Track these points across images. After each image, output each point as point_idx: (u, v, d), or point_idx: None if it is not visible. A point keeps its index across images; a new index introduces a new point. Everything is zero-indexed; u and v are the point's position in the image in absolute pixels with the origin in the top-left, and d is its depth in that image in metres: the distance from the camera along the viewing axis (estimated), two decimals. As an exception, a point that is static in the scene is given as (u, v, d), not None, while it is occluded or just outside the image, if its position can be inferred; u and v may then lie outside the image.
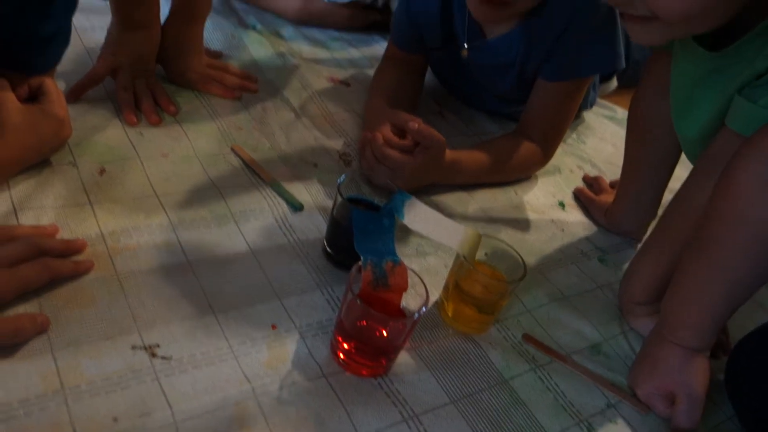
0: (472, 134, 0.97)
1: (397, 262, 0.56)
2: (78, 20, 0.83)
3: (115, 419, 0.45)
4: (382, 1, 1.12)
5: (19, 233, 0.53)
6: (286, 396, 0.51)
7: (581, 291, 0.74)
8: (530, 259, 0.76)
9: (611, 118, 1.17)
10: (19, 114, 0.59)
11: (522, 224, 0.82)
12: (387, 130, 0.74)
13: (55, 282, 0.52)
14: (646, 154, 0.80)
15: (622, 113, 1.20)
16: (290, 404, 0.50)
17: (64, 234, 0.57)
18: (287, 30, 1.09)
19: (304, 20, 1.11)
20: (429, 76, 1.01)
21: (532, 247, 0.78)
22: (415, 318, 0.53)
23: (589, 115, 1.16)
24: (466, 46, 0.87)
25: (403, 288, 0.55)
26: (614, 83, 1.25)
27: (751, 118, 0.57)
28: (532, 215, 0.84)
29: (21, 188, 0.61)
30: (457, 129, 0.97)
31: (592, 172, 0.99)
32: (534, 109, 0.87)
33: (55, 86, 0.64)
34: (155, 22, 0.78)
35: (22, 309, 0.50)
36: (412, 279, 0.55)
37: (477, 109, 1.02)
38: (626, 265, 0.76)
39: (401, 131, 0.75)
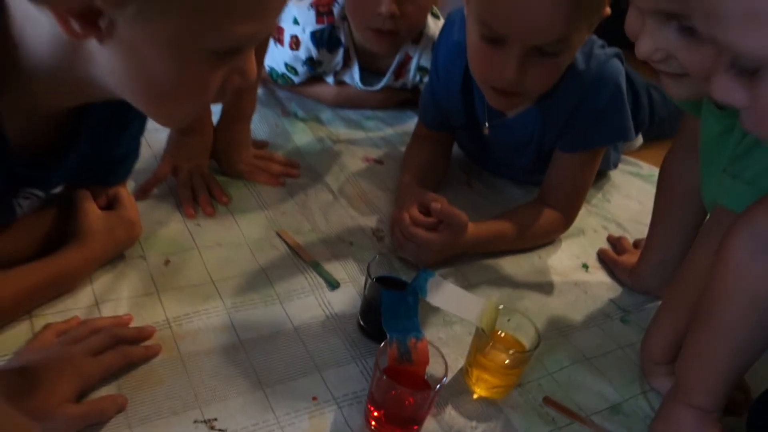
0: (498, 202, 1.04)
1: (419, 339, 0.63)
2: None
3: (181, 486, 0.54)
4: (411, 83, 1.22)
5: (100, 325, 0.63)
6: (325, 462, 0.58)
7: (603, 352, 0.79)
8: (553, 323, 0.81)
9: (637, 174, 1.22)
10: (100, 221, 0.70)
11: (545, 288, 0.88)
12: (414, 210, 0.82)
13: (130, 366, 0.62)
14: (674, 214, 0.84)
15: (647, 169, 1.24)
16: (329, 469, 0.58)
17: (136, 321, 0.68)
18: (326, 114, 1.20)
19: (341, 104, 1.22)
20: (457, 148, 1.10)
21: (555, 311, 0.84)
22: (436, 390, 0.59)
23: (614, 173, 1.21)
24: (487, 125, 0.95)
25: (425, 362, 0.62)
26: (640, 140, 1.31)
27: (737, 194, 0.62)
28: (555, 279, 0.90)
29: (101, 282, 0.72)
30: (484, 197, 1.05)
31: (617, 232, 1.03)
32: (553, 178, 0.94)
33: (128, 193, 0.76)
34: (207, 127, 0.90)
35: (104, 390, 0.59)
36: (433, 353, 0.62)
37: (501, 176, 1.10)
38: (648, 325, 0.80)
39: (427, 209, 0.83)
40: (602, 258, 0.96)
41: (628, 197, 1.15)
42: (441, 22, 1.13)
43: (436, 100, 1.00)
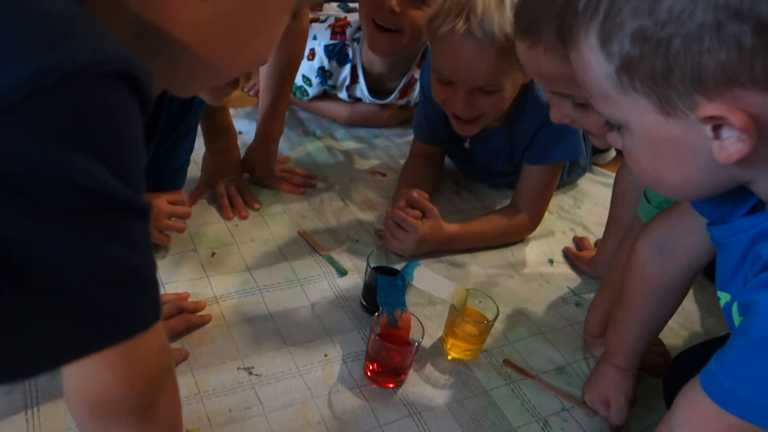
0: (482, 207, 1.24)
1: (404, 311, 0.84)
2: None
3: (230, 410, 0.75)
4: (414, 101, 1.43)
5: (168, 299, 0.85)
6: (333, 399, 0.79)
7: (556, 328, 0.99)
8: (517, 305, 1.01)
9: (606, 184, 1.41)
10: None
11: (514, 277, 1.08)
12: (402, 204, 1.03)
13: (190, 329, 0.84)
14: (624, 213, 1.04)
15: (617, 179, 1.43)
16: (335, 404, 0.79)
17: (192, 297, 0.90)
18: (340, 132, 1.42)
19: (353, 122, 1.44)
20: (449, 161, 1.30)
21: (521, 295, 1.04)
22: (415, 346, 0.80)
23: (587, 183, 1.40)
24: (468, 142, 1.16)
25: (408, 328, 0.83)
26: (612, 153, 1.50)
27: (648, 212, 0.82)
28: (524, 270, 1.10)
29: (164, 269, 0.94)
30: (470, 204, 1.26)
31: (582, 233, 1.23)
32: (521, 187, 1.14)
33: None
34: (233, 148, 1.13)
35: (172, 345, 0.81)
36: (414, 322, 0.83)
37: (484, 182, 1.30)
38: (594, 307, 1.00)
39: (412, 206, 1.03)
40: (566, 253, 1.16)
41: (597, 204, 1.34)
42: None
43: (427, 118, 1.20)
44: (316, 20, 1.42)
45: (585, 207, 1.33)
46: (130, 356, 0.41)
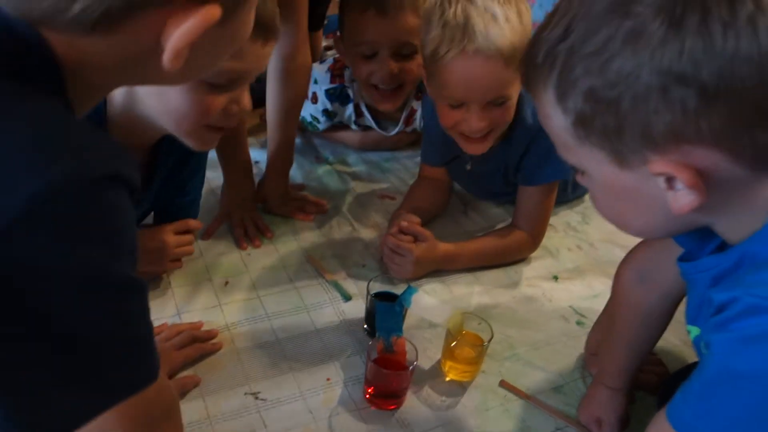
0: (488, 227, 1.28)
1: (399, 336, 0.88)
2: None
3: (236, 433, 0.81)
4: (418, 125, 1.48)
5: (182, 329, 0.92)
6: (333, 422, 0.85)
7: (556, 347, 1.01)
8: (517, 324, 1.04)
9: (616, 199, 1.42)
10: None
11: (516, 297, 1.11)
12: (395, 231, 1.08)
13: (202, 356, 0.90)
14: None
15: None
16: (335, 427, 0.84)
17: (206, 326, 0.96)
18: (351, 157, 1.48)
19: (365, 147, 1.49)
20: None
21: (521, 314, 1.07)
22: (410, 369, 0.85)
23: (596, 198, 1.42)
24: (470, 162, 1.19)
25: (403, 353, 0.87)
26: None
27: None
28: (526, 289, 1.13)
29: (180, 297, 1.01)
30: (476, 223, 1.29)
31: (590, 251, 1.25)
32: (519, 207, 1.17)
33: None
34: (248, 179, 1.20)
35: (185, 373, 0.88)
36: (409, 346, 0.88)
37: (490, 202, 1.34)
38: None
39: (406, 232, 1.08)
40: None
41: (605, 221, 1.35)
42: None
43: (432, 140, 1.24)
44: (327, 51, 1.49)
45: (593, 223, 1.34)
46: (134, 406, 0.48)
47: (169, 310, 0.98)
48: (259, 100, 1.10)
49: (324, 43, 1.68)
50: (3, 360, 0.41)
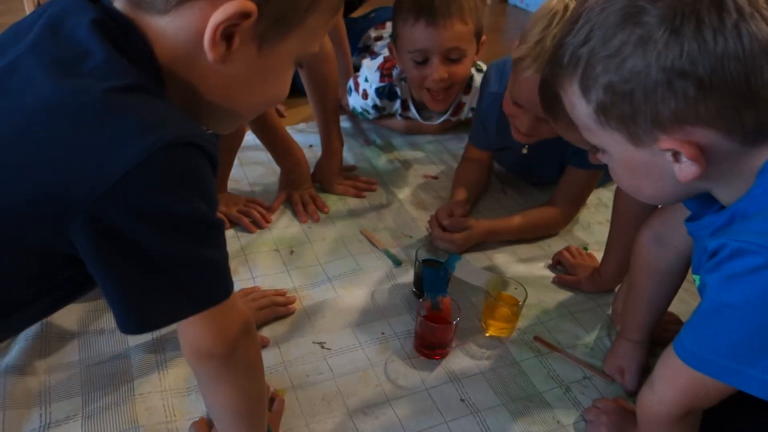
0: (524, 203, 1.39)
1: (444, 296, 1.01)
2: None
3: (307, 375, 0.96)
4: (464, 115, 1.59)
5: (265, 294, 1.07)
6: (388, 367, 0.99)
7: (585, 309, 1.13)
8: (549, 289, 1.16)
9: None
10: None
11: (548, 266, 1.23)
12: (442, 214, 1.21)
13: (276, 318, 1.05)
14: (630, 226, 1.04)
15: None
16: (390, 371, 0.98)
17: (276, 288, 1.11)
18: (397, 140, 1.61)
19: (409, 131, 1.62)
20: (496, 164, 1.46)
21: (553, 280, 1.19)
22: (453, 324, 0.98)
23: (627, 176, 1.51)
24: (526, 146, 1.30)
25: (448, 311, 1.00)
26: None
27: None
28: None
29: (253, 263, 1.16)
30: (514, 200, 1.41)
31: (618, 223, 1.35)
32: (562, 186, 1.28)
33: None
34: (301, 163, 1.34)
35: (265, 330, 1.03)
36: (453, 305, 1.01)
37: (529, 183, 1.45)
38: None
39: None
40: (561, 281, 1.19)
41: (634, 196, 1.45)
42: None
43: (485, 128, 1.34)
44: (377, 41, 1.61)
45: (623, 199, 1.44)
46: (215, 319, 0.63)
47: (244, 274, 1.14)
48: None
49: (374, 34, 1.81)
50: (123, 275, 0.56)
